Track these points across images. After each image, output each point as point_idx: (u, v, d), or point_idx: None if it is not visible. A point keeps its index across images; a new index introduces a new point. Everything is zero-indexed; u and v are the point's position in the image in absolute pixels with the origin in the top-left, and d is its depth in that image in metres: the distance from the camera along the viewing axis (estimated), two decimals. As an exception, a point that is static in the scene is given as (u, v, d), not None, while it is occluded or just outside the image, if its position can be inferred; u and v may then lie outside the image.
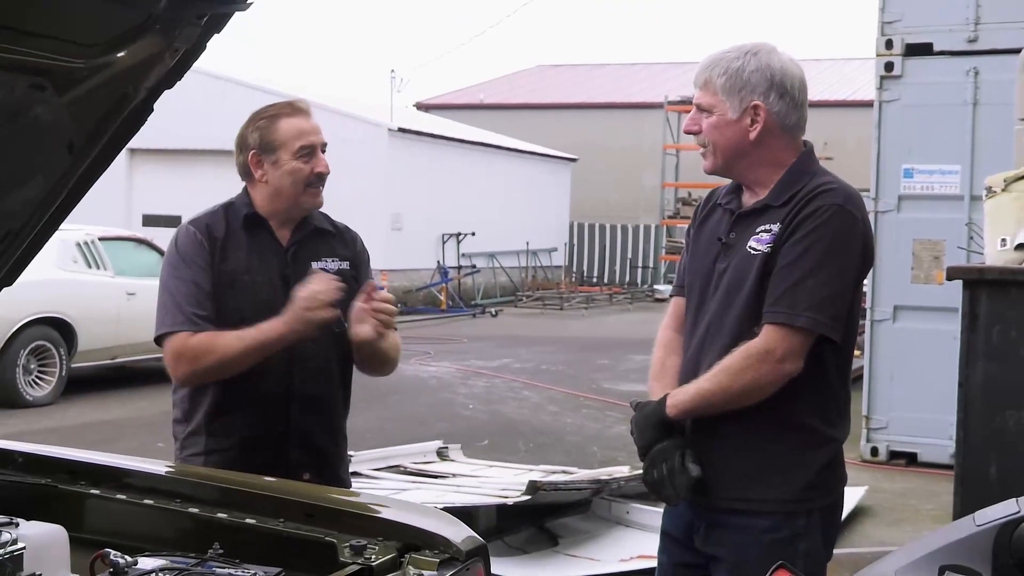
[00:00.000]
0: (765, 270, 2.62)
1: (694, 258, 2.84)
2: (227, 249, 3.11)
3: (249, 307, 3.04)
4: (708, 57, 2.74)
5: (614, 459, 8.42)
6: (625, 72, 38.74)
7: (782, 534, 2.64)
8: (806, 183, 2.67)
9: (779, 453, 2.65)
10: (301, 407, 3.10)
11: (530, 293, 26.45)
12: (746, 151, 2.70)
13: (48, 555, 2.27)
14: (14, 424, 9.36)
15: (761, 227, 2.66)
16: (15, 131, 2.28)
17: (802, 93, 2.72)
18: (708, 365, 2.66)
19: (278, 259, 3.14)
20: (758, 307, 2.63)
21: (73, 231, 10.59)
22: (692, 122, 2.75)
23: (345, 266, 3.18)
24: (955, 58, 8.31)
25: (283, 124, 3.08)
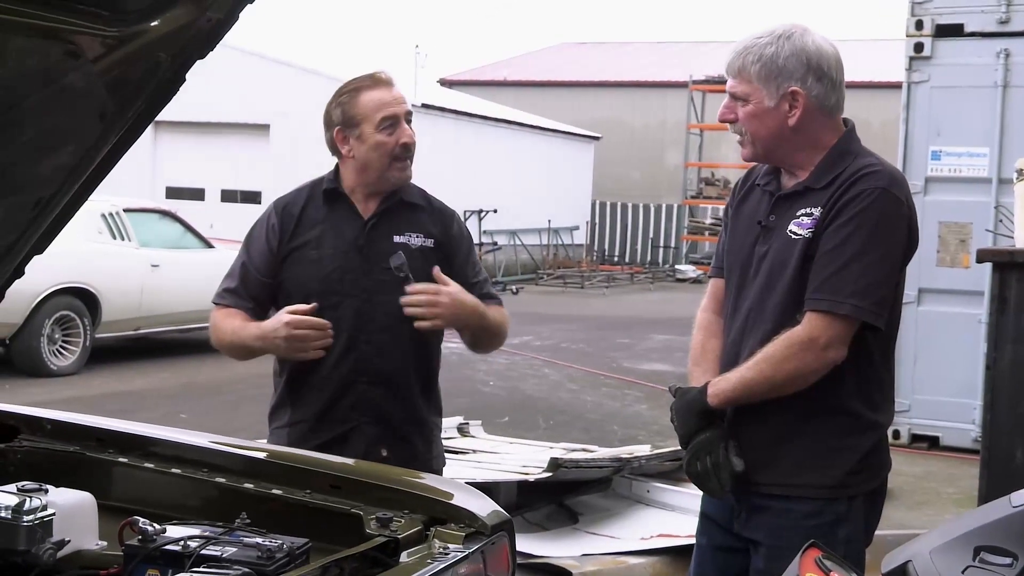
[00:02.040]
0: (807, 255, 2.58)
1: (733, 239, 2.79)
2: (301, 225, 3.16)
3: (313, 280, 3.10)
4: (739, 43, 2.67)
5: (634, 438, 8.43)
6: (650, 50, 38.54)
7: (824, 519, 2.62)
8: (848, 164, 2.62)
9: (823, 439, 2.62)
10: (370, 382, 3.09)
11: (551, 271, 26.43)
12: (786, 137, 2.64)
13: (77, 521, 2.29)
14: (38, 393, 9.43)
15: (802, 210, 2.62)
16: (48, 98, 2.29)
17: (839, 73, 2.67)
18: (750, 351, 2.63)
19: (355, 231, 3.13)
20: (800, 293, 2.58)
21: (98, 202, 10.63)
22: (728, 110, 2.69)
23: (429, 243, 3.14)
24: (986, 39, 8.21)
25: (364, 97, 3.08)
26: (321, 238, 3.12)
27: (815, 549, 1.60)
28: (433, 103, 24.39)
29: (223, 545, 2.12)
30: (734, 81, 2.66)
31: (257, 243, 3.18)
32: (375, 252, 3.10)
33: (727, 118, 2.70)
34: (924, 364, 8.32)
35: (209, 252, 11.71)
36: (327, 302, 3.07)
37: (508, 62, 38.66)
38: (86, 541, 2.31)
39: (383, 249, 3.09)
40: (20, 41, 2.14)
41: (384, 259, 3.09)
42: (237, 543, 2.13)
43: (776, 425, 2.64)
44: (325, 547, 2.23)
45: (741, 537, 2.73)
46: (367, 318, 3.08)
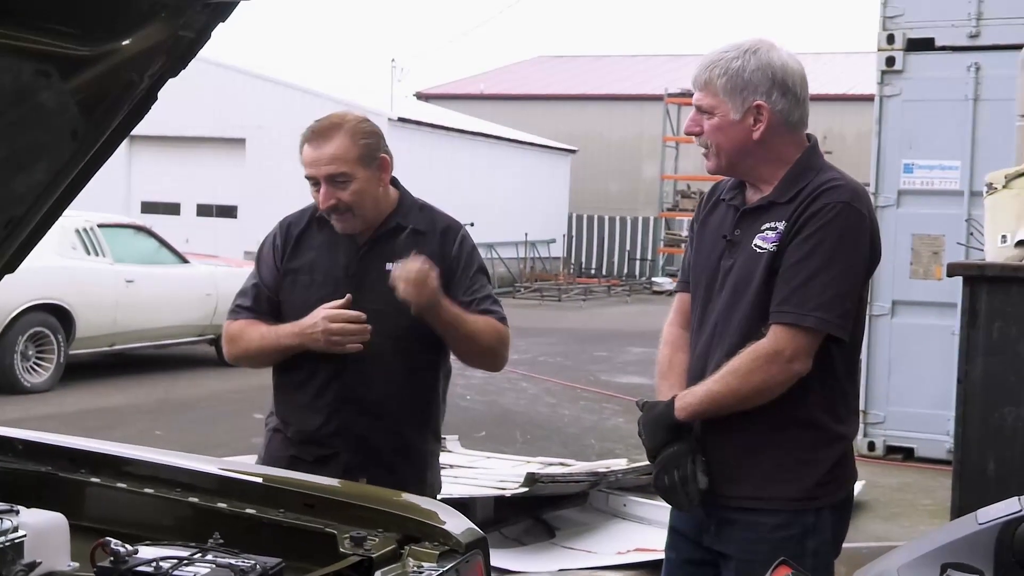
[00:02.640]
0: (772, 269, 2.61)
1: (699, 254, 2.81)
2: (300, 246, 3.16)
3: (305, 305, 3.06)
4: (706, 57, 2.69)
5: (611, 451, 8.44)
6: (625, 64, 38.70)
7: (792, 531, 2.63)
8: (811, 179, 2.65)
9: (790, 451, 2.64)
10: (356, 411, 3.04)
11: (528, 284, 26.45)
12: (750, 150, 2.66)
13: (49, 543, 2.27)
14: (12, 410, 9.35)
15: (766, 224, 2.64)
16: (19, 117, 2.27)
17: (803, 89, 2.70)
18: (716, 364, 2.65)
19: (347, 256, 3.09)
20: (765, 306, 2.61)
21: (72, 218, 10.57)
22: (693, 123, 2.71)
23: None
24: (957, 53, 8.30)
25: (304, 150, 3.05)
26: (314, 263, 3.11)
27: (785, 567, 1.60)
28: (409, 117, 24.40)
29: (196, 565, 2.11)
30: (700, 94, 2.68)
31: (265, 262, 3.19)
32: (366, 281, 3.05)
33: (692, 131, 2.72)
34: (898, 376, 8.38)
35: (184, 267, 11.66)
36: None
37: (484, 76, 38.72)
38: (58, 562, 2.29)
39: (374, 278, 3.03)
40: (-10, 60, 2.13)
41: (374, 287, 3.02)
42: (210, 564, 2.12)
43: (743, 438, 2.65)
44: (299, 566, 2.22)
45: (710, 550, 2.74)
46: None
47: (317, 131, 3.04)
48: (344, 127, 3.04)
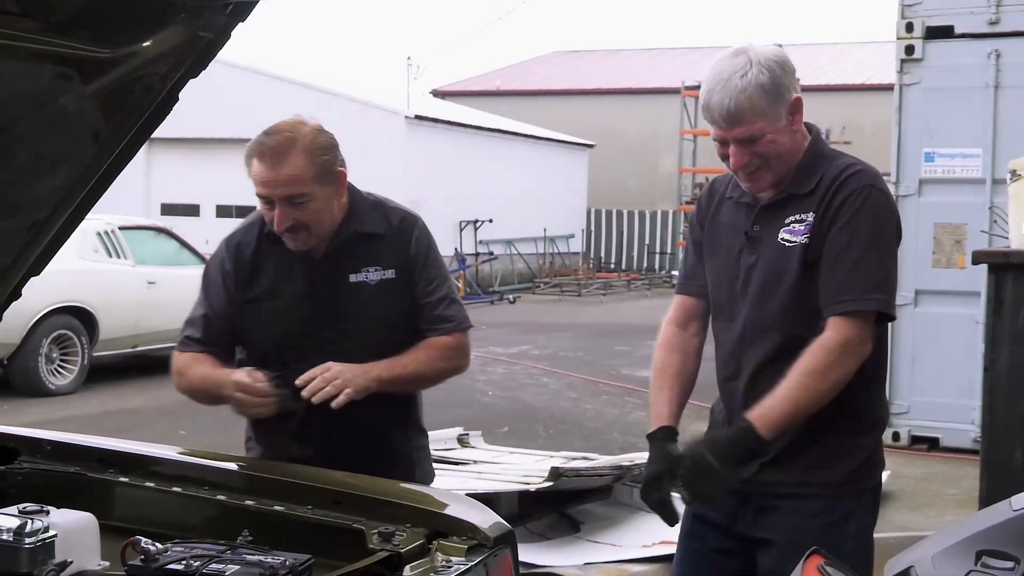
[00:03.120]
0: (805, 261, 2.59)
1: (713, 255, 2.78)
2: (254, 272, 2.95)
3: (271, 337, 2.92)
4: (717, 92, 2.55)
5: (634, 445, 8.42)
6: (642, 57, 38.61)
7: (834, 516, 2.65)
8: (826, 167, 2.64)
9: (833, 438, 2.65)
10: (344, 430, 2.89)
11: (548, 280, 26.43)
12: (797, 148, 2.64)
13: (79, 542, 2.28)
14: (37, 412, 9.42)
15: (791, 218, 2.62)
16: (41, 121, 2.29)
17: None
18: (756, 360, 2.65)
19: (307, 276, 2.91)
20: (803, 299, 2.60)
21: (93, 221, 10.62)
22: (742, 156, 2.59)
23: (390, 275, 2.93)
24: (976, 40, 8.24)
25: (253, 165, 2.84)
26: (274, 288, 2.92)
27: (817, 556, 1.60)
28: (426, 115, 24.42)
29: (226, 563, 2.12)
30: (741, 128, 2.57)
31: (215, 288, 2.98)
32: (332, 300, 2.90)
33: (742, 163, 2.60)
34: (922, 366, 8.33)
35: (205, 268, 11.67)
36: (289, 356, 2.88)
37: (500, 72, 38.71)
38: (88, 562, 2.30)
39: (340, 294, 2.89)
40: (11, 64, 2.14)
41: (341, 305, 2.88)
42: (240, 561, 2.13)
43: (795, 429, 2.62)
44: (328, 563, 2.23)
45: (743, 538, 2.73)
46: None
47: (271, 148, 2.80)
48: (300, 143, 2.81)
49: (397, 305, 2.93)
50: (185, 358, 2.98)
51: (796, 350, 2.57)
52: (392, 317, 2.93)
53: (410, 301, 2.95)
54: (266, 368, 2.84)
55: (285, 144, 2.80)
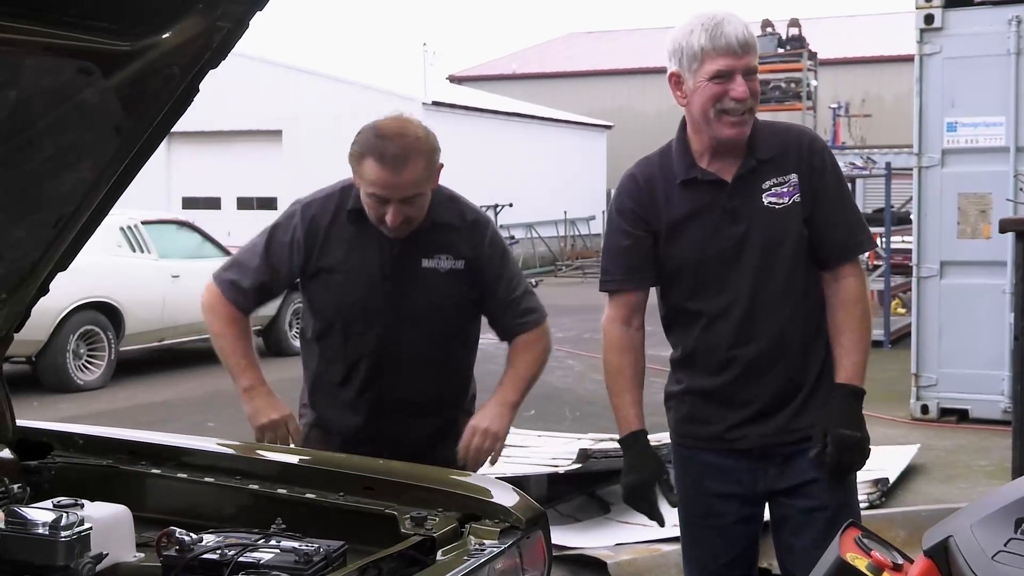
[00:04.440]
0: (802, 218, 2.74)
1: (677, 240, 2.79)
2: (328, 243, 3.06)
3: (339, 305, 3.05)
4: (729, 26, 2.66)
5: (661, 425, 8.40)
6: (658, 36, 38.29)
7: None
8: (772, 129, 2.82)
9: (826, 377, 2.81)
10: (394, 410, 3.04)
11: (570, 262, 26.41)
12: None
13: (114, 534, 2.30)
14: (66, 408, 9.48)
15: (769, 181, 2.75)
16: (64, 115, 2.30)
17: None
18: (774, 325, 2.76)
19: (381, 255, 3.03)
20: (802, 254, 2.75)
21: (116, 215, 10.63)
22: (747, 88, 2.66)
23: (459, 265, 3.05)
24: (996, 8, 8.15)
25: (366, 165, 2.93)
26: (347, 261, 3.04)
27: (855, 528, 1.59)
28: (443, 100, 24.40)
29: (260, 551, 2.13)
30: (751, 56, 2.70)
31: (279, 255, 3.10)
32: (401, 279, 3.02)
33: (745, 96, 2.67)
34: (949, 337, 8.28)
35: (228, 260, 11.71)
36: (351, 331, 3.05)
37: (516, 55, 38.62)
38: (124, 554, 2.32)
39: (410, 276, 3.02)
40: (33, 60, 2.15)
41: (412, 288, 3.01)
42: (274, 549, 2.14)
43: (808, 371, 2.80)
44: (361, 548, 2.24)
45: (763, 498, 2.85)
46: (392, 346, 3.03)
47: (394, 155, 2.89)
48: (419, 149, 2.94)
49: (460, 295, 3.06)
50: (225, 308, 3.14)
51: (807, 304, 2.77)
52: (453, 305, 3.06)
53: (475, 294, 3.09)
54: (327, 338, 3.07)
55: (407, 150, 2.91)
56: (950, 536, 1.40)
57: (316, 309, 3.11)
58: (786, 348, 2.77)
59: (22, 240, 2.55)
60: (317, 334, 3.12)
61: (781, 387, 2.80)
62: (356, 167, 2.96)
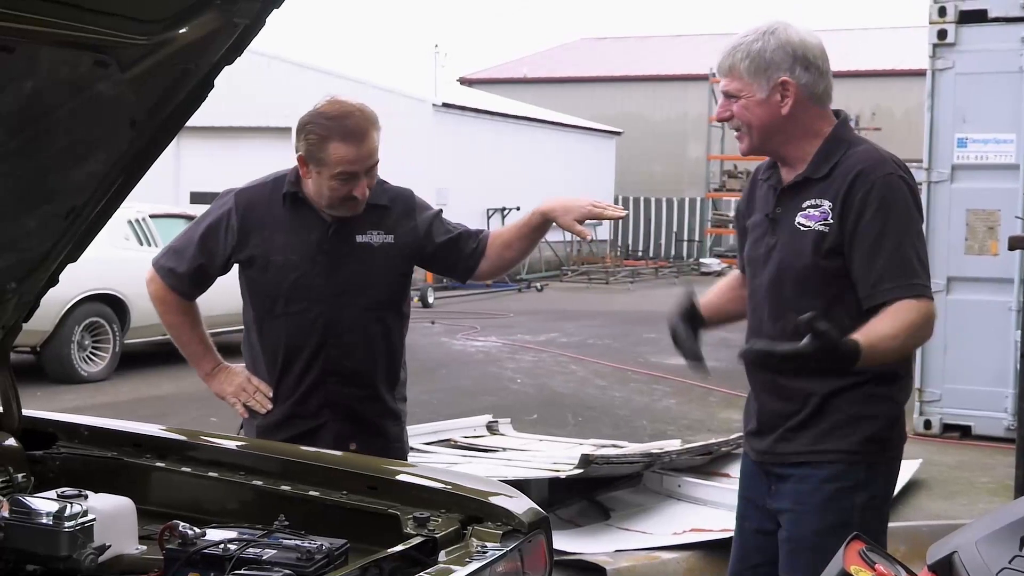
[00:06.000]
0: (821, 247, 2.66)
1: (748, 237, 2.89)
2: (264, 229, 3.21)
3: (280, 287, 3.18)
4: (727, 45, 2.77)
5: (664, 432, 8.41)
6: (669, 44, 38.43)
7: (844, 483, 2.70)
8: (843, 153, 2.71)
9: (845, 409, 2.70)
10: (339, 382, 3.18)
11: (575, 267, 26.40)
12: (780, 127, 2.73)
13: (117, 526, 2.31)
14: (70, 399, 9.50)
15: (807, 202, 2.71)
16: (79, 107, 2.30)
17: (825, 62, 2.76)
18: (779, 336, 2.68)
19: (318, 234, 3.18)
20: (818, 281, 2.67)
21: (124, 209, 10.64)
22: (723, 109, 2.80)
23: (389, 239, 3.22)
24: (1010, 24, 8.14)
25: (331, 147, 3.07)
26: (285, 244, 3.18)
27: (859, 541, 1.59)
28: (453, 102, 24.41)
29: (263, 547, 2.14)
30: (726, 80, 2.77)
31: (215, 243, 3.24)
32: (339, 255, 3.17)
33: (723, 117, 2.80)
34: (954, 353, 8.27)
35: (235, 256, 11.72)
36: (294, 308, 3.17)
37: (527, 59, 38.64)
38: (126, 546, 2.33)
39: (345, 251, 3.17)
40: (50, 51, 2.16)
41: (347, 261, 3.17)
42: (276, 545, 2.15)
43: (802, 401, 2.72)
44: (363, 548, 2.24)
45: (773, 514, 2.80)
46: (334, 320, 3.16)
47: (354, 129, 3.07)
48: (371, 120, 3.12)
49: (392, 267, 3.22)
50: (171, 296, 3.32)
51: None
52: (385, 277, 3.22)
53: (407, 266, 3.27)
54: (270, 316, 3.20)
55: (363, 123, 3.09)
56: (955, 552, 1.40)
57: (256, 293, 3.24)
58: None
59: (33, 230, 2.56)
60: (259, 321, 3.25)
61: (773, 408, 2.78)
62: (317, 155, 3.08)
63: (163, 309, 3.35)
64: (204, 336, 3.37)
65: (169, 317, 3.36)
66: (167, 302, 3.33)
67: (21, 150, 2.33)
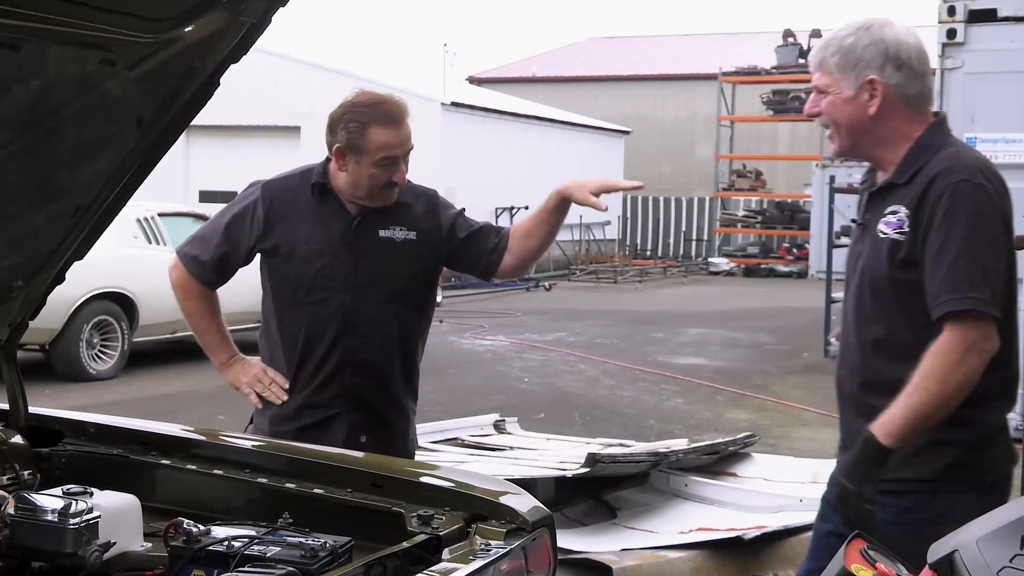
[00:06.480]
0: (894, 257, 2.57)
1: (851, 241, 2.85)
2: (289, 219, 3.25)
3: (302, 277, 3.22)
4: (823, 38, 2.73)
5: (671, 432, 8.40)
6: (678, 43, 38.40)
7: (923, 515, 2.55)
8: (930, 158, 2.59)
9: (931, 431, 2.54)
10: (355, 373, 3.22)
11: (584, 267, 26.40)
12: (868, 128, 2.65)
13: (122, 524, 2.32)
14: (78, 397, 9.53)
15: (889, 208, 2.61)
16: (86, 105, 2.31)
17: (921, 63, 2.66)
18: (857, 351, 2.65)
19: (342, 226, 3.23)
20: (892, 294, 2.58)
21: (133, 207, 10.67)
22: (812, 104, 2.72)
23: (412, 236, 3.26)
24: (1020, 24, 8.11)
25: (371, 133, 3.13)
26: (310, 234, 3.22)
27: (860, 540, 1.59)
28: (462, 101, 24.42)
29: (267, 545, 2.14)
30: (817, 74, 2.70)
31: (238, 232, 3.28)
32: (361, 248, 3.21)
33: (811, 112, 2.74)
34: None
35: (243, 255, 11.74)
36: (315, 297, 3.21)
37: (536, 59, 38.63)
38: (131, 543, 2.34)
39: (368, 244, 3.21)
40: (57, 50, 2.17)
41: (369, 254, 3.21)
42: (281, 543, 2.15)
43: (859, 425, 2.58)
44: (368, 545, 2.25)
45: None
46: (353, 312, 3.20)
47: (394, 114, 3.15)
48: (403, 106, 3.20)
49: (413, 263, 3.26)
50: (192, 284, 3.34)
51: (899, 347, 2.55)
52: (407, 272, 3.25)
53: (429, 263, 3.30)
54: (291, 305, 3.23)
55: (398, 108, 3.18)
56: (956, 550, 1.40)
57: (278, 282, 3.27)
58: (864, 386, 2.64)
59: (40, 228, 2.57)
60: (279, 311, 3.28)
61: (851, 424, 2.67)
62: (357, 142, 3.13)
63: (183, 296, 3.38)
64: (222, 326, 3.40)
65: (189, 304, 3.39)
66: (188, 289, 3.36)
67: (28, 149, 2.34)
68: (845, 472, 2.54)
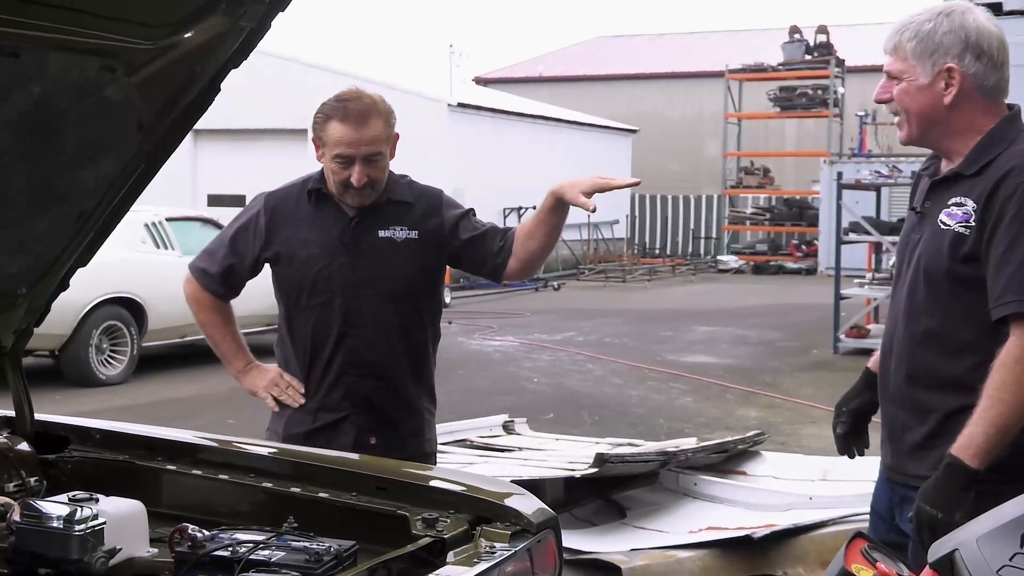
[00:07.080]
0: (957, 251, 2.49)
1: (905, 227, 2.74)
2: (289, 226, 3.29)
3: (304, 280, 3.25)
4: (898, 21, 2.60)
5: (680, 431, 8.39)
6: (684, 41, 38.36)
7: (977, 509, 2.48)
8: (1001, 151, 2.50)
9: (945, 435, 2.48)
10: (359, 374, 3.24)
11: (592, 266, 26.39)
12: (941, 117, 2.55)
13: (128, 529, 2.31)
14: (88, 402, 9.55)
15: (953, 199, 2.51)
16: (87, 111, 2.32)
17: (1002, 53, 2.56)
18: (907, 342, 2.58)
19: (340, 227, 3.25)
20: (951, 285, 2.50)
21: (141, 212, 10.74)
22: (883, 90, 2.61)
23: (413, 235, 3.26)
24: (1026, 18, 8.12)
25: (330, 127, 3.14)
26: (308, 238, 3.25)
27: (861, 539, 1.58)
28: (469, 102, 24.43)
29: (272, 549, 2.14)
30: (890, 59, 2.59)
31: (244, 244, 3.33)
32: (359, 248, 3.23)
33: (882, 98, 2.63)
34: None
35: (251, 258, 11.76)
36: (317, 300, 3.24)
37: (542, 58, 38.64)
38: (137, 549, 2.34)
39: (368, 245, 3.22)
40: (58, 56, 2.18)
41: (368, 254, 3.22)
42: (285, 547, 2.15)
43: (932, 421, 2.55)
44: (372, 548, 2.25)
45: (902, 531, 2.61)
46: (354, 311, 3.22)
47: (355, 112, 3.12)
48: (378, 110, 3.17)
49: (414, 263, 3.26)
50: (204, 296, 3.40)
51: (950, 342, 2.50)
52: (407, 272, 3.25)
53: (431, 263, 3.30)
54: (297, 309, 3.27)
55: (367, 108, 3.14)
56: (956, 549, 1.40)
57: (283, 287, 3.32)
58: (910, 379, 2.57)
59: (44, 234, 2.58)
60: (288, 316, 3.33)
61: (894, 417, 2.62)
62: (320, 134, 3.16)
63: (197, 308, 3.44)
64: (236, 334, 3.44)
65: (203, 316, 3.44)
66: (201, 302, 3.42)
67: (30, 154, 2.35)
68: (928, 499, 2.42)
